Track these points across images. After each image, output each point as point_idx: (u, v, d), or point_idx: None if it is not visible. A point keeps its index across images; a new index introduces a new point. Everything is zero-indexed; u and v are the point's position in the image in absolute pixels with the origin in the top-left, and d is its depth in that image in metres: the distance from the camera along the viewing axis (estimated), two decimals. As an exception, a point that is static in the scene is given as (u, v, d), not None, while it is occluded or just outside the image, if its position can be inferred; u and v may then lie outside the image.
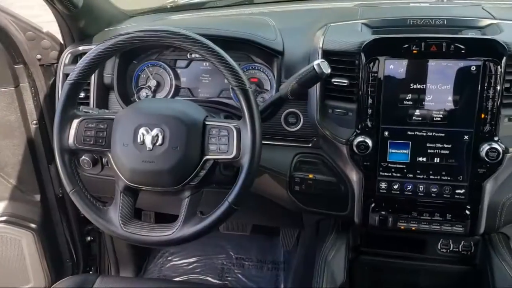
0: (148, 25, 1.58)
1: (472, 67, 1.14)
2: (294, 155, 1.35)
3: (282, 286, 2.02)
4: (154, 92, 1.50)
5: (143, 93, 1.51)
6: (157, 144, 1.10)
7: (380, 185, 1.25)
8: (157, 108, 1.15)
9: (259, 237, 2.19)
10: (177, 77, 1.50)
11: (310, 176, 1.33)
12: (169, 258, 2.20)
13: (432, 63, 1.16)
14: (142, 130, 1.11)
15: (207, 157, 1.11)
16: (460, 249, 1.39)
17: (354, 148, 1.22)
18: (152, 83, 1.50)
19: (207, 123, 1.12)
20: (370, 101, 1.20)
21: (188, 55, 1.49)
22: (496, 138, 1.15)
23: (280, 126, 1.35)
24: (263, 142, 1.32)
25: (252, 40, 1.35)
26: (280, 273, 2.09)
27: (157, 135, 1.10)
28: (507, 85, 1.14)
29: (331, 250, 1.37)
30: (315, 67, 1.10)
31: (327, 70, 1.11)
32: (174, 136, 1.09)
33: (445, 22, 1.27)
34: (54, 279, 1.79)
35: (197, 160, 1.10)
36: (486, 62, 1.13)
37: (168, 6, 1.81)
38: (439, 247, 1.40)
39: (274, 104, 1.25)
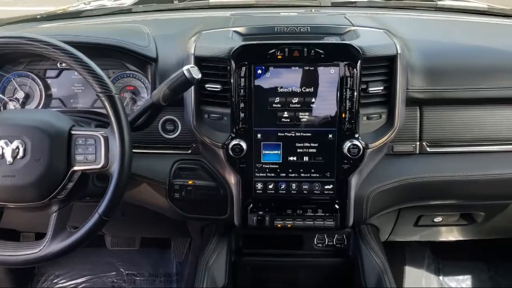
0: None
1: (331, 70, 1.22)
2: (173, 162, 1.34)
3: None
4: (23, 104, 1.42)
5: (11, 105, 1.41)
6: (18, 157, 1.04)
7: (256, 185, 1.29)
8: (17, 119, 1.09)
9: (150, 251, 2.14)
10: (47, 87, 1.43)
11: (190, 182, 1.33)
12: (55, 281, 2.07)
13: (295, 68, 1.22)
14: (1, 143, 1.05)
15: (74, 168, 1.07)
16: (334, 243, 1.48)
17: (230, 151, 1.25)
18: (20, 94, 1.41)
19: (73, 132, 1.08)
20: (242, 105, 1.24)
21: (58, 64, 1.42)
22: (357, 135, 1.24)
23: (158, 134, 1.34)
24: (140, 150, 1.32)
25: (123, 46, 1.32)
26: (174, 285, 2.06)
27: (17, 148, 1.04)
28: (364, 86, 1.23)
29: (212, 255, 1.38)
30: (185, 72, 1.12)
31: (197, 75, 1.13)
32: (37, 148, 1.04)
33: (309, 30, 1.36)
34: None
35: (63, 172, 1.06)
36: (344, 66, 1.21)
37: (38, 16, 1.73)
38: (315, 242, 1.48)
39: (147, 111, 1.24)
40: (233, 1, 1.87)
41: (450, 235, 1.67)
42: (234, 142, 1.24)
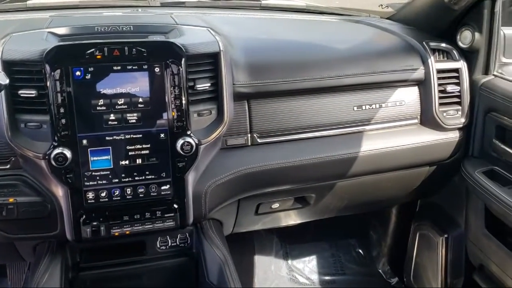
0: None
1: (156, 69, 1.20)
2: None
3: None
4: None
5: None
6: None
7: (88, 195, 1.21)
8: None
9: (-20, 282, 1.90)
10: None
11: (11, 200, 1.20)
12: None
13: (118, 67, 1.18)
14: None
15: None
16: (178, 243, 1.45)
17: (53, 161, 1.15)
18: None
19: None
20: (62, 110, 1.15)
21: None
22: (189, 133, 1.24)
23: None
24: None
25: None
26: (13, 316, 1.85)
27: None
28: (191, 83, 1.24)
29: (44, 275, 1.27)
30: None
31: (4, 81, 1.03)
32: None
33: (132, 29, 1.32)
34: None
35: None
36: (169, 64, 1.20)
37: None
38: (158, 245, 1.44)
39: None
40: (54, 2, 1.73)
41: (290, 219, 1.77)
42: (57, 151, 1.15)
